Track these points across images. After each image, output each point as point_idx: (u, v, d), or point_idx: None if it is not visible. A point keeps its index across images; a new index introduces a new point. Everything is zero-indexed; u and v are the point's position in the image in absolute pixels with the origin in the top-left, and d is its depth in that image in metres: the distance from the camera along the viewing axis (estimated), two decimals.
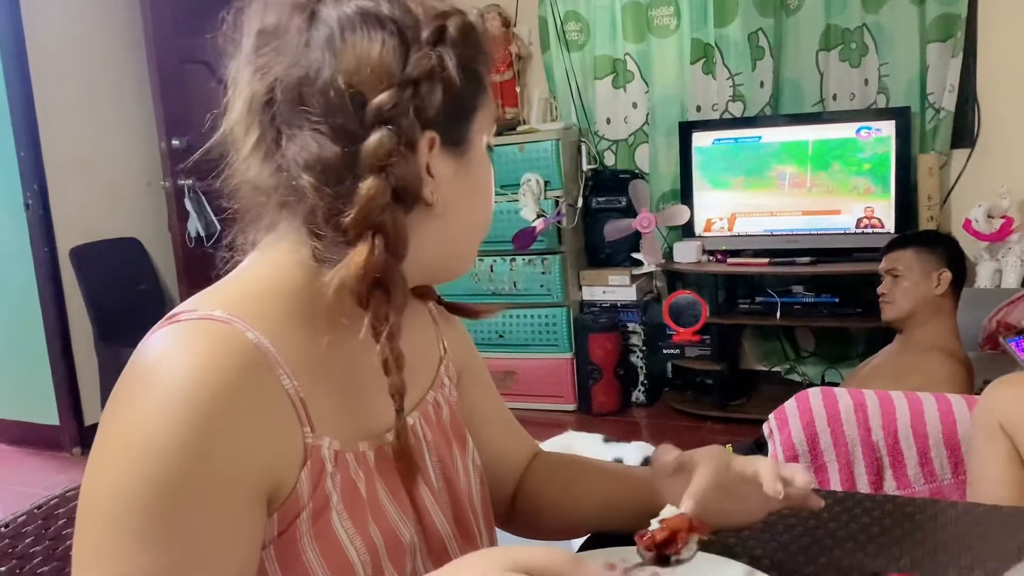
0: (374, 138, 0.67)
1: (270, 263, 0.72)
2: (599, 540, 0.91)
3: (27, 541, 0.89)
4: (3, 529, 0.88)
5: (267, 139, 0.71)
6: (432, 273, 0.80)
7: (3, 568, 0.86)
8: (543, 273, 3.66)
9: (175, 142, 3.71)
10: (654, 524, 0.74)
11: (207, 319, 0.66)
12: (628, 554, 0.77)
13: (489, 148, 0.79)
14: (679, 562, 0.73)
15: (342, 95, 0.68)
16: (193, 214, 3.76)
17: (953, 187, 3.32)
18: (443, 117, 0.71)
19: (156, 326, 0.67)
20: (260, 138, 0.71)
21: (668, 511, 0.75)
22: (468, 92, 0.73)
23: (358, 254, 0.67)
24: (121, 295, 3.71)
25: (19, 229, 3.56)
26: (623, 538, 0.85)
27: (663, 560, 0.73)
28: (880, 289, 2.41)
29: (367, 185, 0.67)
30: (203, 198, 3.76)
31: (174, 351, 0.64)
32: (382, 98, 0.68)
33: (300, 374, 0.68)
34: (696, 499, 0.79)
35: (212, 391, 0.62)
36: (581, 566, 0.56)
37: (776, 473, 0.80)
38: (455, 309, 0.91)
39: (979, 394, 1.60)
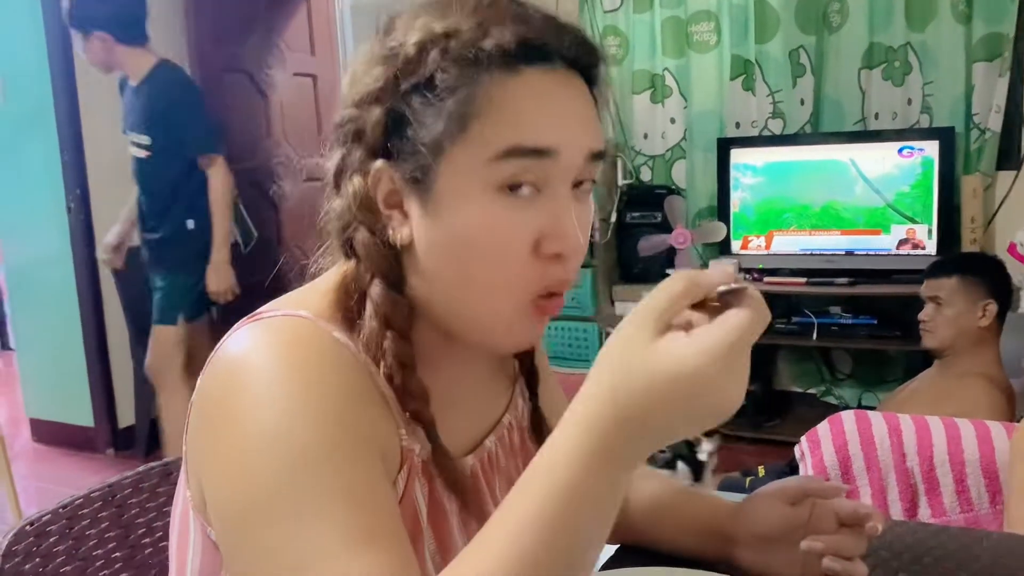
0: (333, 155, 0.69)
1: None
2: (626, 554, 0.89)
3: (51, 540, 0.90)
4: (28, 527, 0.88)
5: None
6: (458, 330, 0.70)
7: (27, 566, 0.87)
8: (574, 287, 3.63)
9: None
10: None
11: (292, 316, 0.65)
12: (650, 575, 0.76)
13: (513, 187, 0.64)
14: None
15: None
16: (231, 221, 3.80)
17: (998, 210, 3.25)
18: (395, 147, 0.66)
19: (236, 326, 0.66)
20: None
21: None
22: (426, 124, 0.64)
23: (338, 268, 0.69)
24: None
25: (61, 232, 3.62)
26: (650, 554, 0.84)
27: None
28: (921, 316, 2.34)
29: (332, 202, 0.69)
30: (242, 205, 3.80)
31: (261, 344, 0.63)
32: (338, 116, 0.69)
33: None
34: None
35: (310, 368, 0.61)
36: (696, 278, 0.53)
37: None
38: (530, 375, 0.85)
39: (1020, 422, 1.56)
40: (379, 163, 0.66)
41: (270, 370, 0.61)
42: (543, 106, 0.64)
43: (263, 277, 0.77)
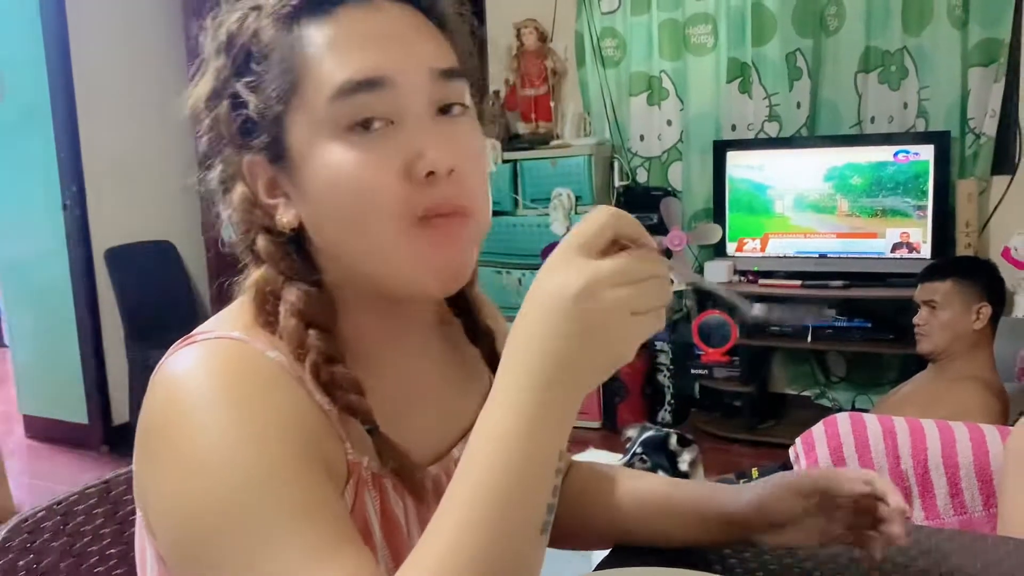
0: (215, 168, 0.69)
1: None
2: (621, 554, 0.89)
3: (45, 536, 0.89)
4: (22, 524, 0.88)
5: None
6: (380, 287, 0.67)
7: (20, 563, 0.86)
8: None
9: None
10: None
11: (225, 339, 0.64)
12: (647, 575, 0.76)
13: (366, 126, 0.62)
14: None
15: None
16: (226, 219, 3.79)
17: (992, 214, 3.26)
18: (250, 133, 0.65)
19: (173, 348, 0.65)
20: None
21: None
22: (261, 95, 0.64)
23: (251, 275, 0.68)
24: (153, 297, 3.74)
25: (56, 229, 3.62)
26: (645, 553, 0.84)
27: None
28: (916, 320, 2.35)
29: (228, 213, 0.69)
30: None
31: (196, 368, 0.62)
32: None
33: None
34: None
35: (247, 390, 0.60)
36: (620, 215, 0.54)
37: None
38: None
39: (1014, 426, 1.56)
40: (247, 157, 0.66)
41: (208, 397, 0.59)
42: (364, 38, 0.63)
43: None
